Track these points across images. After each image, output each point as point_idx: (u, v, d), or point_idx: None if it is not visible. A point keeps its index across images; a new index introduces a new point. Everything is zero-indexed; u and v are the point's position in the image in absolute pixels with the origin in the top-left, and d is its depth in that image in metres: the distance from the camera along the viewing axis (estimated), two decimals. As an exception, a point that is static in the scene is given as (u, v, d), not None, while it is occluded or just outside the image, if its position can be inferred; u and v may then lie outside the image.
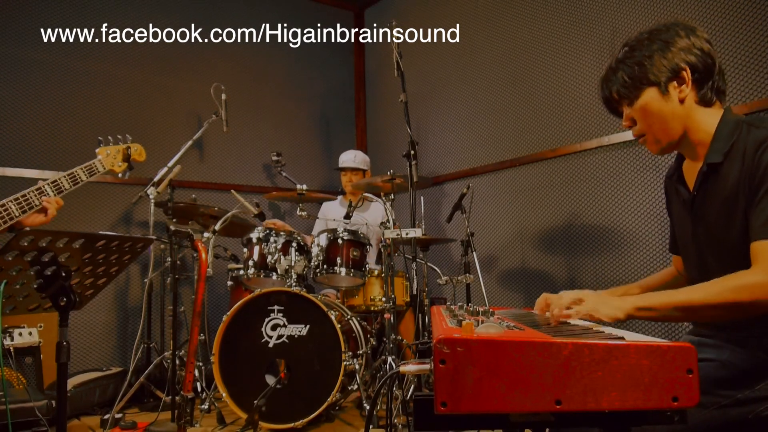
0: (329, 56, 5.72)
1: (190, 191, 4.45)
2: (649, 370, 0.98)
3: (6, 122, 4.07)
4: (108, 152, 2.22)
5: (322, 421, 3.39)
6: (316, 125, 5.61)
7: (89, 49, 4.42)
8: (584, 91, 3.81)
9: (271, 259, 3.58)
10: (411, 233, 3.38)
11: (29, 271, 1.56)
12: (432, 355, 0.99)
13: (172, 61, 4.80)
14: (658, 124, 1.56)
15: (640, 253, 3.44)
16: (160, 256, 4.12)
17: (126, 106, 4.55)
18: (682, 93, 1.53)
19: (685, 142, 1.59)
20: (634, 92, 1.57)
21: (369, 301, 3.83)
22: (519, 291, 4.18)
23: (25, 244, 1.47)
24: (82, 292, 1.77)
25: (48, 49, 4.25)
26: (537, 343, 0.99)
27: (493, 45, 4.45)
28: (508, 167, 4.29)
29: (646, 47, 1.55)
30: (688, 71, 1.52)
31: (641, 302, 1.38)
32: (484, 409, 0.98)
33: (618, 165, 3.60)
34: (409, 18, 5.24)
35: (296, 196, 3.79)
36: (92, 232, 1.63)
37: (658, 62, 1.53)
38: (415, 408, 1.06)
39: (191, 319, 4.29)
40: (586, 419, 1.01)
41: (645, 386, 0.98)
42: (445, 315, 1.52)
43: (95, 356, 4.27)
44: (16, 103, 4.11)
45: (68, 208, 3.97)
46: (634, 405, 0.98)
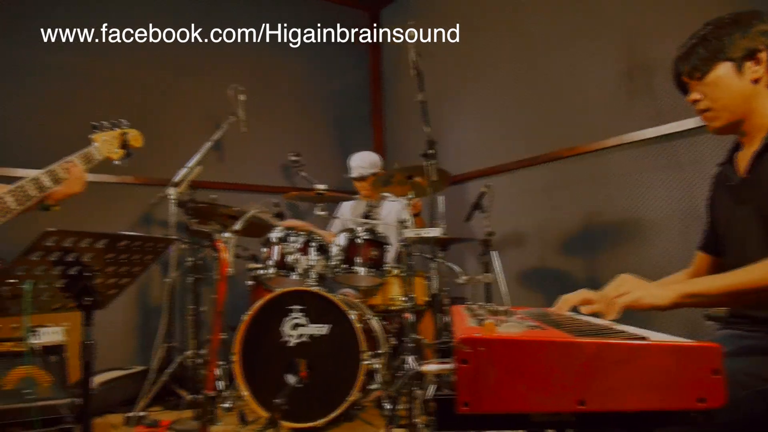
0: (346, 56, 5.74)
1: (210, 191, 4.48)
2: (673, 371, 0.97)
3: (18, 124, 4.14)
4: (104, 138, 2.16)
5: (342, 420, 3.40)
6: (334, 125, 5.62)
7: (105, 50, 4.47)
8: (602, 89, 3.77)
9: (290, 259, 3.60)
10: (430, 233, 3.37)
11: (54, 271, 1.58)
12: (453, 354, 0.99)
13: (189, 63, 4.84)
14: (727, 99, 1.58)
15: (660, 253, 3.40)
16: (180, 256, 4.16)
17: (145, 107, 4.60)
18: (756, 73, 1.56)
19: (746, 125, 1.60)
20: (709, 65, 1.59)
21: (388, 300, 3.83)
22: (538, 290, 4.16)
23: (49, 245, 1.49)
24: (106, 291, 1.80)
25: (64, 49, 4.32)
26: (559, 342, 0.98)
27: (511, 42, 4.43)
28: (527, 166, 4.27)
29: (727, 26, 1.59)
30: (765, 53, 1.55)
31: (689, 288, 1.37)
32: (506, 409, 0.97)
33: (638, 163, 3.57)
34: (426, 17, 5.23)
35: (315, 195, 3.80)
36: (115, 233, 1.65)
37: (737, 40, 1.56)
38: (437, 408, 1.06)
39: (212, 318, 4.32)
40: (609, 420, 1.01)
41: (669, 387, 0.96)
42: (465, 314, 1.52)
43: (118, 355, 4.32)
44: (33, 105, 4.19)
45: (89, 209, 4.03)
46: (658, 406, 0.97)
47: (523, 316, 1.51)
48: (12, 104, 4.15)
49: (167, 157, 4.54)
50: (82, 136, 4.29)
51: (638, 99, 3.55)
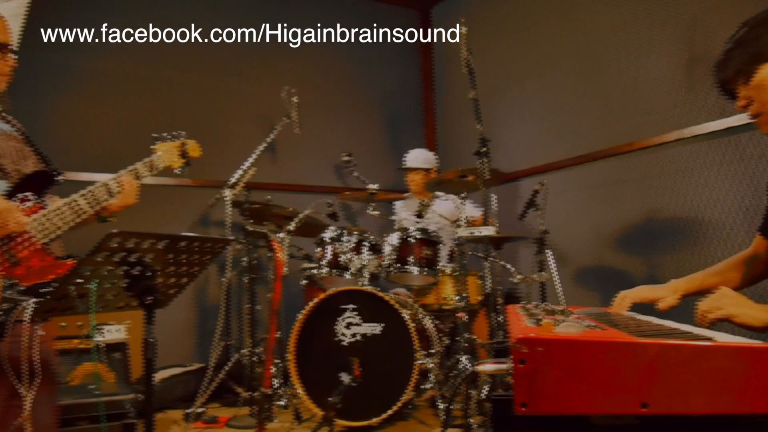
0: (397, 55, 5.74)
1: (265, 192, 4.56)
2: (741, 373, 0.93)
3: (73, 129, 4.29)
4: (166, 148, 2.25)
5: (396, 419, 3.40)
6: (385, 125, 5.63)
7: (159, 53, 4.60)
8: (662, 82, 3.66)
9: (344, 258, 3.62)
10: (483, 231, 3.34)
11: (117, 271, 1.63)
12: (510, 354, 0.97)
13: (242, 65, 4.94)
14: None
15: (723, 250, 3.28)
16: (237, 256, 4.24)
17: (200, 111, 4.71)
18: None
19: None
20: (752, 68, 1.49)
21: (442, 300, 3.82)
22: (595, 290, 4.07)
23: (113, 245, 1.54)
24: (166, 290, 1.84)
25: (117, 52, 4.46)
26: (621, 343, 0.96)
27: (565, 37, 4.35)
28: (583, 162, 4.18)
29: (765, 24, 1.49)
30: None
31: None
32: (565, 410, 0.95)
33: (700, 158, 3.45)
34: (477, 14, 5.18)
35: (367, 195, 3.82)
36: (175, 234, 1.69)
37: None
38: (494, 408, 1.05)
39: (268, 317, 4.39)
40: (673, 424, 0.97)
41: (737, 390, 0.93)
42: (521, 314, 1.49)
43: (177, 352, 4.43)
44: (89, 110, 4.35)
45: (150, 211, 4.15)
46: (725, 409, 0.93)
47: (581, 315, 1.48)
48: (80, 110, 4.32)
49: (223, 159, 4.63)
50: (142, 138, 4.44)
51: (700, 91, 3.43)
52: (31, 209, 1.78)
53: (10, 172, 1.78)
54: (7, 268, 1.66)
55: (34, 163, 1.89)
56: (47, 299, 1.63)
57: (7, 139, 1.82)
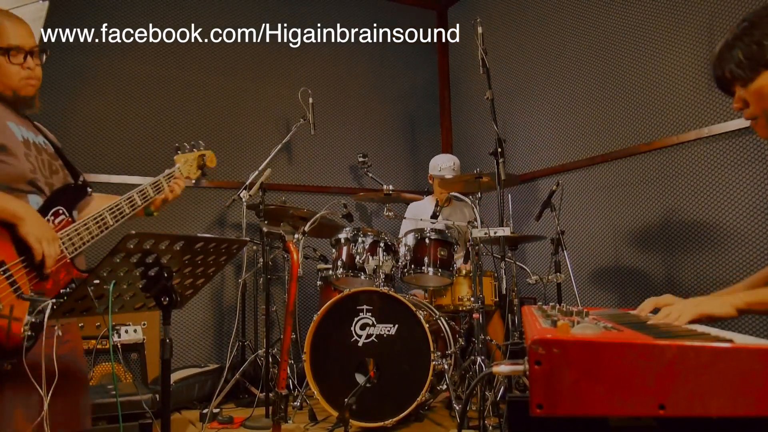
0: (413, 56, 5.73)
1: (280, 194, 4.58)
2: (761, 375, 0.91)
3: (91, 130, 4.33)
4: (186, 159, 2.30)
5: (411, 420, 3.40)
6: (401, 125, 5.63)
7: (177, 54, 4.65)
8: (680, 81, 3.62)
9: (359, 259, 3.62)
10: (499, 232, 3.33)
11: (135, 272, 1.64)
12: (526, 356, 0.97)
13: (260, 66, 4.96)
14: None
15: (744, 251, 3.24)
16: (252, 257, 4.26)
17: (216, 113, 4.74)
18: None
19: None
20: (750, 74, 1.45)
21: (457, 300, 3.81)
22: (612, 291, 4.03)
23: (130, 247, 1.55)
24: (183, 291, 1.85)
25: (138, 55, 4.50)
26: (638, 344, 0.95)
27: (582, 36, 4.32)
28: (600, 162, 4.15)
29: (766, 24, 1.43)
30: None
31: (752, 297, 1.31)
32: (582, 411, 0.94)
33: (719, 157, 3.41)
34: (494, 14, 5.17)
35: (383, 196, 3.81)
36: (191, 235, 1.70)
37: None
38: (510, 410, 1.04)
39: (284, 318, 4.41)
40: (691, 426, 0.96)
41: (757, 392, 0.91)
42: (537, 315, 1.48)
43: (194, 353, 4.46)
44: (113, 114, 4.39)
45: (167, 212, 4.18)
46: (745, 412, 0.92)
47: (598, 317, 1.46)
48: (99, 112, 4.36)
49: (240, 160, 4.66)
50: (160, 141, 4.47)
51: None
52: (62, 224, 1.80)
53: (43, 187, 1.80)
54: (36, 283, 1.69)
55: (64, 176, 1.92)
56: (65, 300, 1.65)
57: (39, 152, 1.85)
